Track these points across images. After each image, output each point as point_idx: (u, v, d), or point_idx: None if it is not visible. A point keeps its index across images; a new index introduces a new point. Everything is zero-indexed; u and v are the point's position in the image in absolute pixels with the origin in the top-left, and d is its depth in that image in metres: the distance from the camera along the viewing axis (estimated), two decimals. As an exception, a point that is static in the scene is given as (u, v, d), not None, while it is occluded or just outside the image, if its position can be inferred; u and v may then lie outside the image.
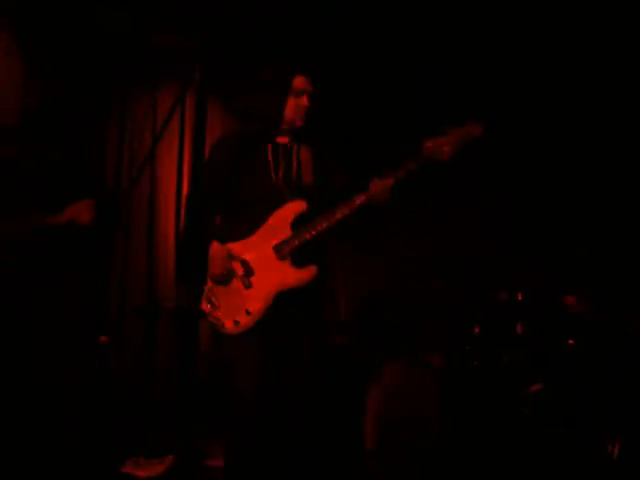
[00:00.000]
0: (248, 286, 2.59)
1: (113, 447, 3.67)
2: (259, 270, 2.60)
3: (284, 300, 2.57)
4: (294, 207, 2.63)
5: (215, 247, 2.61)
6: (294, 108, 2.67)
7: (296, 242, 2.58)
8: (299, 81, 2.66)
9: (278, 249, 2.60)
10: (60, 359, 3.11)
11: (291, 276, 2.57)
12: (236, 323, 2.56)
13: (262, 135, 2.74)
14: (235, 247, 2.63)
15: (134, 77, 4.54)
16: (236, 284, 2.61)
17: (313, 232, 2.57)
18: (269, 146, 2.72)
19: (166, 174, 4.65)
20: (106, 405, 3.65)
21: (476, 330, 3.64)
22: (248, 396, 2.55)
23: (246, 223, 2.65)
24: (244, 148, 2.73)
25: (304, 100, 2.66)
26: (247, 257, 2.62)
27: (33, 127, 3.32)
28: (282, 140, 2.75)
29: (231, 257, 2.61)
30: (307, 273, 2.57)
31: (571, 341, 3.42)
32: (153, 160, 4.60)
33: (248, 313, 2.56)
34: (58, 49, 4.03)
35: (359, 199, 2.56)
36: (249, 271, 2.60)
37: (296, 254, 2.59)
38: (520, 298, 3.59)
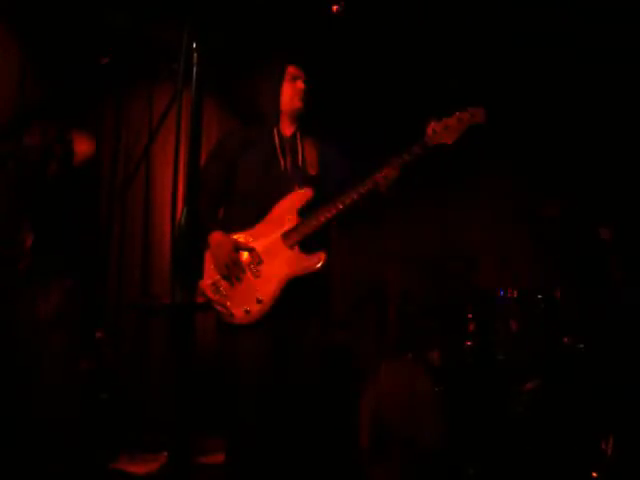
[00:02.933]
0: (257, 275, 2.60)
1: (107, 443, 3.68)
2: (268, 258, 2.60)
3: (292, 291, 2.58)
4: (301, 195, 2.64)
5: (220, 237, 2.62)
6: (290, 91, 2.76)
7: (306, 230, 2.59)
8: (292, 69, 2.77)
9: (287, 237, 2.61)
10: (55, 356, 3.11)
11: (301, 263, 2.58)
12: (247, 312, 2.56)
13: (266, 127, 2.77)
14: (241, 237, 2.64)
15: (131, 75, 4.55)
16: (244, 273, 2.61)
17: (322, 219, 2.58)
18: (275, 137, 2.75)
19: (162, 171, 4.65)
20: (101, 401, 3.66)
21: (471, 328, 3.65)
22: (251, 392, 2.55)
23: (252, 212, 2.66)
24: (249, 140, 2.75)
25: (299, 84, 2.76)
26: (255, 246, 2.62)
27: (29, 125, 3.32)
28: (286, 131, 2.78)
29: (237, 247, 2.62)
30: (317, 259, 2.57)
31: (566, 339, 3.44)
32: (149, 158, 4.60)
33: (259, 301, 2.56)
34: (55, 47, 4.03)
35: (367, 185, 2.57)
36: (258, 260, 2.61)
37: (304, 242, 2.59)
38: (515, 295, 3.60)
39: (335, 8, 4.02)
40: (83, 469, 3.21)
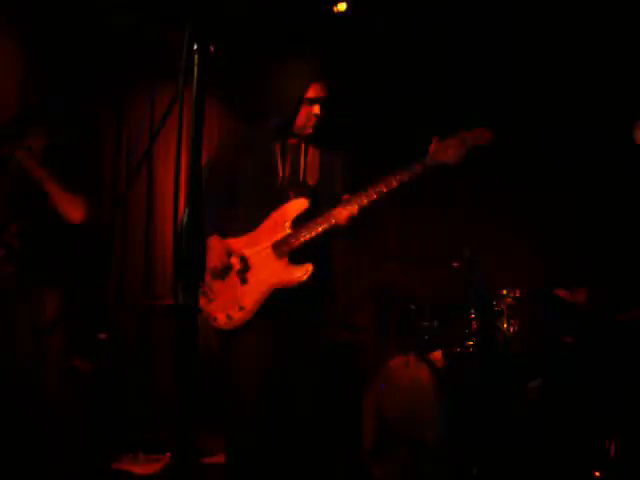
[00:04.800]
0: (244, 282, 2.60)
1: (110, 443, 3.68)
2: (256, 266, 2.60)
3: (285, 298, 2.58)
4: (296, 206, 2.62)
5: (214, 241, 2.63)
6: (304, 116, 2.63)
7: (295, 241, 2.58)
8: (314, 89, 2.61)
9: (277, 247, 2.60)
10: (58, 355, 3.10)
11: (287, 274, 2.56)
12: (229, 317, 2.58)
13: (269, 132, 2.73)
14: (235, 242, 2.65)
15: (132, 75, 4.55)
16: (233, 279, 2.62)
17: (312, 233, 2.56)
18: (276, 145, 2.71)
19: (164, 171, 4.65)
20: (104, 401, 3.66)
21: (474, 327, 3.65)
22: (250, 393, 2.56)
23: (248, 219, 2.66)
24: (250, 145, 2.73)
25: (316, 109, 2.62)
26: (246, 253, 2.63)
27: (31, 126, 3.31)
28: (290, 140, 2.73)
29: (230, 252, 2.62)
30: (302, 271, 2.55)
31: (568, 337, 3.44)
32: (151, 159, 4.60)
33: (241, 308, 2.57)
34: (57, 47, 4.03)
35: (360, 202, 2.54)
36: (246, 267, 2.61)
37: (295, 253, 2.58)
38: (518, 294, 3.60)
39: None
40: (86, 470, 3.21)
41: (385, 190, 2.51)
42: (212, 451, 3.60)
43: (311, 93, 2.61)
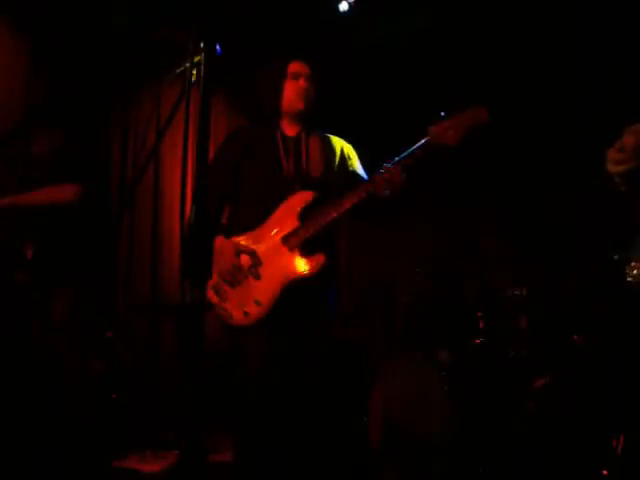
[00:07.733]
0: (257, 277, 2.61)
1: (118, 441, 3.69)
2: (268, 261, 2.61)
3: (293, 293, 2.58)
4: (302, 198, 2.64)
5: (222, 242, 2.63)
6: (292, 91, 2.73)
7: (305, 233, 2.59)
8: (295, 66, 2.75)
9: (286, 240, 2.61)
10: (63, 355, 3.11)
11: (300, 266, 2.58)
12: (246, 314, 2.58)
13: (270, 127, 2.77)
14: (243, 239, 2.65)
15: (138, 74, 4.56)
16: (245, 275, 2.62)
17: (322, 223, 2.58)
18: (278, 138, 2.74)
19: (170, 170, 4.66)
20: (111, 400, 3.67)
21: (481, 325, 3.65)
22: (257, 390, 2.56)
23: (255, 214, 2.67)
24: (253, 142, 2.76)
25: (301, 82, 2.73)
26: (256, 248, 2.63)
27: (37, 125, 3.32)
28: (290, 131, 2.78)
29: (239, 250, 2.63)
30: (315, 263, 2.57)
31: (575, 336, 3.43)
32: (157, 156, 4.61)
33: (258, 304, 2.57)
34: (62, 46, 4.04)
35: (366, 189, 2.56)
36: (258, 262, 2.62)
37: (305, 245, 2.59)
38: (525, 293, 3.59)
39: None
40: (93, 467, 3.22)
41: (390, 177, 2.53)
42: (219, 449, 3.61)
43: (292, 68, 2.75)
